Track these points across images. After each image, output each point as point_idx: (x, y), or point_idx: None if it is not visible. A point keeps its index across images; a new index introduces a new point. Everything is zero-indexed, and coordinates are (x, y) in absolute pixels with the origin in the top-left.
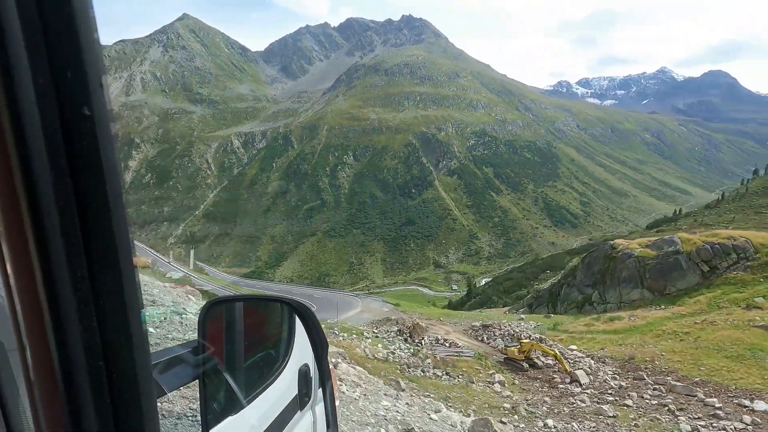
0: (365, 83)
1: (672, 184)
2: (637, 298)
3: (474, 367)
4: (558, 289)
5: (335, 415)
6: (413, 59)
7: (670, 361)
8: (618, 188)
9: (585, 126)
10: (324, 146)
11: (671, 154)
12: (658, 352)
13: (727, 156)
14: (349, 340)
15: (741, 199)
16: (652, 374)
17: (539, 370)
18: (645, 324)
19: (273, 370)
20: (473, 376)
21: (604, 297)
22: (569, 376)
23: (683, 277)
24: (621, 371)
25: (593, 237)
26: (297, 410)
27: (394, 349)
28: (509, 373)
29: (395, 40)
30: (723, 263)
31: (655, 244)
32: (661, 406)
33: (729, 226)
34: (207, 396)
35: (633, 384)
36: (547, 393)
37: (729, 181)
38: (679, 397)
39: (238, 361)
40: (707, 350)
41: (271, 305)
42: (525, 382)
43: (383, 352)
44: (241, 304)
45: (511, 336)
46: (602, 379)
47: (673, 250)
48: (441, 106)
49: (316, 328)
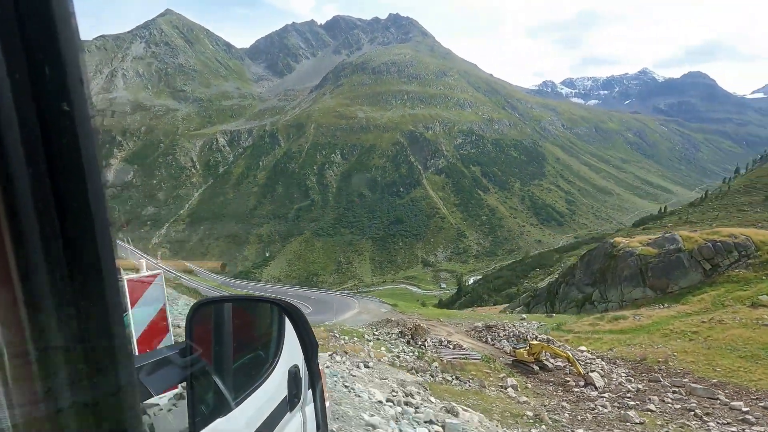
0: (352, 81)
1: (654, 182)
2: (640, 296)
3: (483, 370)
4: (556, 288)
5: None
6: (400, 58)
7: (683, 362)
8: (602, 187)
9: (570, 125)
10: (311, 145)
11: (653, 153)
12: (669, 353)
13: (706, 155)
14: (351, 343)
15: (724, 198)
16: (667, 376)
17: (550, 373)
18: (651, 323)
19: (262, 372)
20: (484, 380)
21: (605, 296)
22: (583, 379)
23: (685, 275)
24: (635, 373)
25: (579, 235)
26: (287, 411)
27: (398, 353)
28: (520, 376)
29: (382, 38)
30: (725, 261)
31: (656, 242)
32: (686, 411)
33: (713, 224)
34: (195, 398)
35: (650, 387)
36: (563, 397)
37: (708, 179)
38: (701, 401)
39: (227, 362)
40: (720, 350)
41: (260, 306)
42: (538, 386)
43: (388, 356)
44: (230, 305)
45: (516, 337)
46: (617, 381)
47: (674, 248)
48: (428, 105)
49: (305, 329)
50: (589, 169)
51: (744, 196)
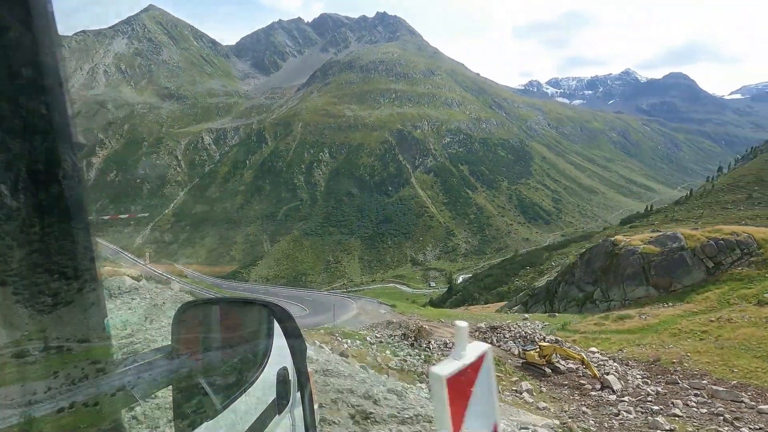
0: (340, 80)
1: (638, 181)
2: (643, 295)
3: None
4: (555, 287)
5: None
6: (388, 56)
7: (698, 363)
8: (588, 185)
9: (556, 125)
10: (299, 143)
11: (636, 153)
12: (683, 353)
13: (687, 155)
14: (355, 347)
15: (708, 196)
16: (684, 377)
17: (562, 375)
18: (658, 323)
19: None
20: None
21: (607, 294)
22: (599, 382)
23: (688, 273)
24: (650, 375)
25: (566, 233)
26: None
27: (404, 356)
28: (533, 379)
29: (370, 37)
30: (727, 259)
31: (657, 240)
32: (715, 416)
33: (699, 222)
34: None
35: (669, 389)
36: (582, 402)
37: (689, 178)
38: (726, 404)
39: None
40: (734, 350)
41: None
42: (553, 390)
43: (395, 360)
44: (218, 307)
45: (523, 338)
46: (634, 384)
47: (677, 246)
48: (417, 104)
49: (294, 330)
50: (574, 168)
51: (728, 194)
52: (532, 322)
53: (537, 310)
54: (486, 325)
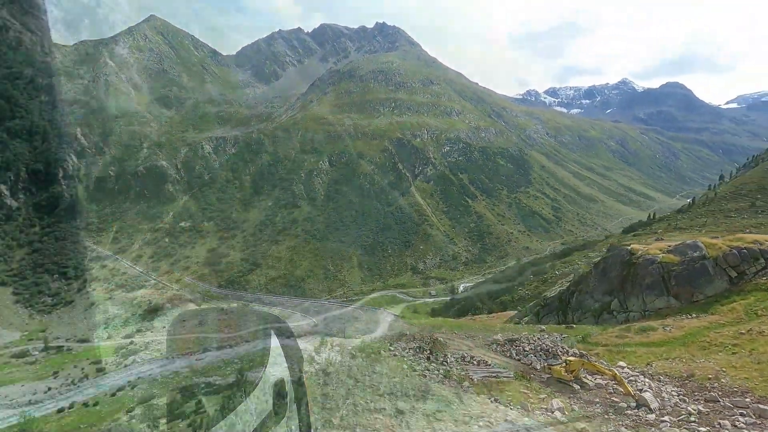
0: (340, 89)
1: (636, 189)
2: (663, 306)
3: (520, 390)
4: (568, 297)
5: (310, 429)
6: (388, 66)
7: (736, 379)
8: (587, 194)
9: (554, 134)
10: (299, 152)
11: (634, 161)
12: (717, 368)
13: (685, 163)
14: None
15: (711, 204)
16: (723, 395)
17: (591, 392)
18: (684, 335)
19: (249, 385)
20: (526, 402)
21: (626, 305)
22: (634, 400)
23: (710, 283)
24: (686, 392)
25: (566, 241)
26: (273, 425)
27: (422, 371)
28: (561, 396)
29: (369, 46)
30: (751, 268)
31: (677, 249)
32: None
33: (702, 230)
34: (176, 413)
35: (711, 408)
36: (620, 421)
37: (688, 186)
38: None
39: (212, 376)
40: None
41: (247, 318)
42: (585, 408)
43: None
44: (216, 315)
45: (545, 352)
46: (671, 402)
47: (698, 255)
48: (416, 113)
49: (292, 342)
50: (573, 177)
51: (730, 202)
52: (550, 334)
53: (550, 320)
54: (503, 337)
